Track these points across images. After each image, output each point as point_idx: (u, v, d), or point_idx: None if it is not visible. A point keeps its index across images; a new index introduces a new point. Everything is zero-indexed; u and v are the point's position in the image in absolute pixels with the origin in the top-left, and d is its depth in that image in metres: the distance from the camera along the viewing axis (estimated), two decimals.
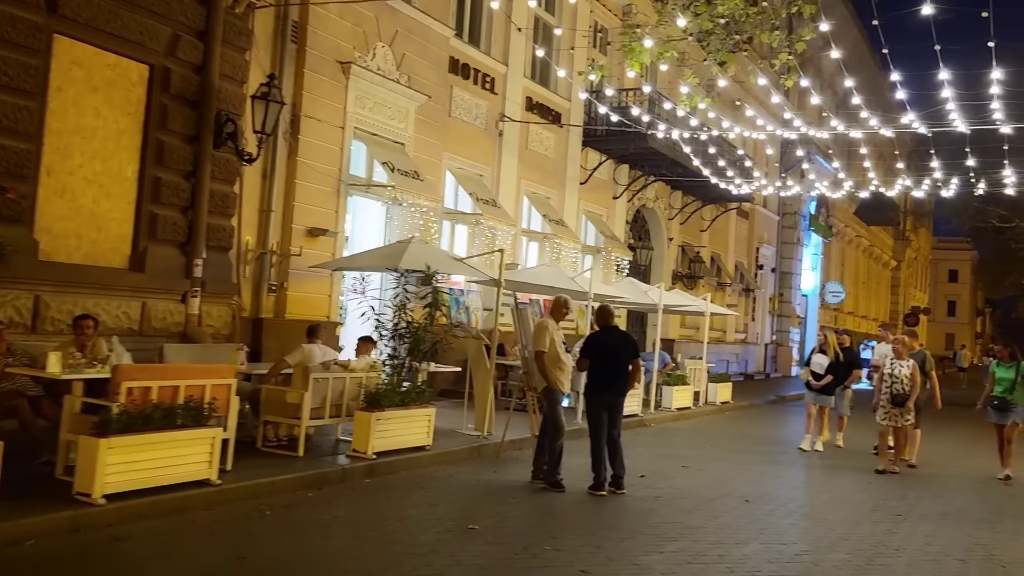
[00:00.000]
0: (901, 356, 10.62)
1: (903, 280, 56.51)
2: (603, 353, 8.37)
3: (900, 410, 10.41)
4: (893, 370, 10.47)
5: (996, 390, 10.43)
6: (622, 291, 15.62)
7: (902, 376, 10.41)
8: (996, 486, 10.15)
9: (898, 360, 10.56)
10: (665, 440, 12.55)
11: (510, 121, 16.31)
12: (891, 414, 10.41)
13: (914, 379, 10.43)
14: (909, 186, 17.56)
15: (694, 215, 25.03)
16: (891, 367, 10.49)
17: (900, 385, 10.39)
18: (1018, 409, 10.33)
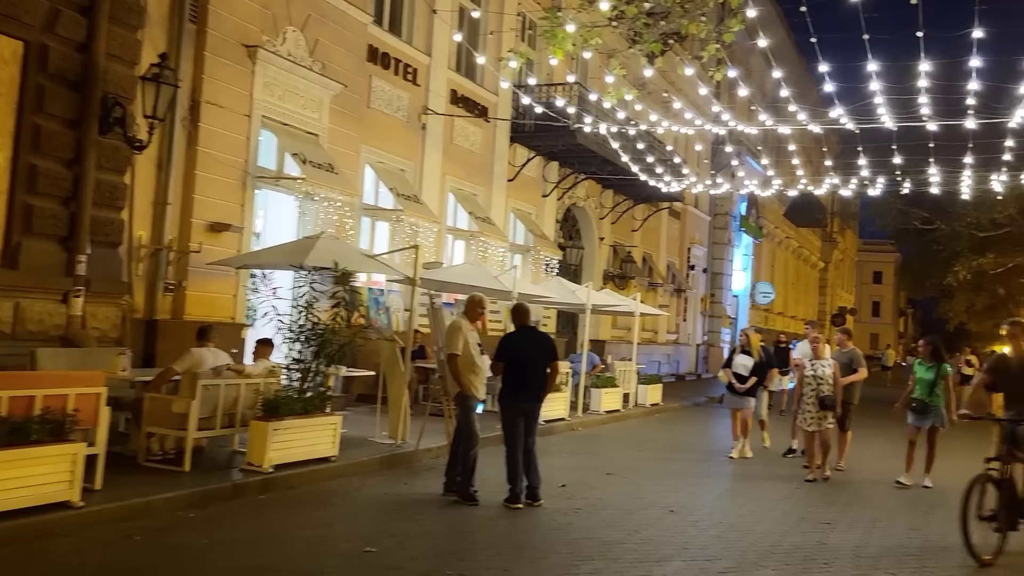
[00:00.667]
0: (821, 355, 10.13)
1: (830, 281, 57.61)
2: (518, 356, 7.79)
3: (825, 413, 9.88)
4: (816, 371, 9.97)
5: (916, 391, 9.91)
6: (549, 291, 15.13)
7: (826, 377, 9.91)
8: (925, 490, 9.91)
9: (818, 360, 10.08)
10: (591, 445, 12.08)
11: (434, 114, 15.66)
12: (817, 418, 9.90)
13: (835, 380, 9.92)
14: (837, 184, 17.50)
15: (626, 214, 24.75)
16: (812, 368, 10.03)
17: (824, 387, 9.88)
18: (936, 412, 9.83)
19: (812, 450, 10.11)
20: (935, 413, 9.80)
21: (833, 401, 9.82)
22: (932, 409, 9.79)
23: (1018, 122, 11.07)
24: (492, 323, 17.81)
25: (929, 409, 9.78)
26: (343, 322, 9.01)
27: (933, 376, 9.81)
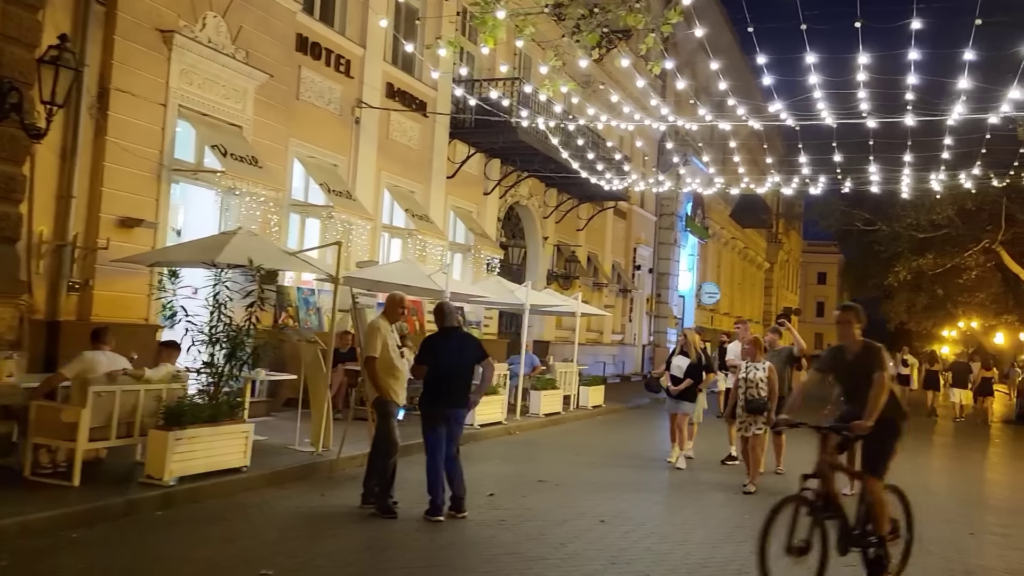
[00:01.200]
0: (755, 357, 9.63)
1: (776, 281, 58.26)
2: (440, 359, 7.32)
3: (756, 418, 9.35)
4: (748, 373, 9.48)
5: None
6: (487, 290, 14.72)
7: (757, 379, 9.38)
8: None
9: (753, 362, 9.60)
10: (526, 451, 11.67)
11: (368, 108, 15.12)
12: (746, 423, 9.37)
13: (771, 383, 9.38)
14: (778, 183, 17.39)
15: (570, 214, 24.46)
16: (745, 370, 9.57)
17: (755, 390, 9.36)
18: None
19: (747, 458, 9.63)
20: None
21: (763, 405, 9.25)
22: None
23: (956, 119, 10.95)
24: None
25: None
26: (258, 323, 8.47)
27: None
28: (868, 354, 5.87)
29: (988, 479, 12.00)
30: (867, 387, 5.70)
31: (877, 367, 5.76)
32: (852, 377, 5.94)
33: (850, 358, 5.95)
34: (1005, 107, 10.12)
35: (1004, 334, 50.99)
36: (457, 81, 17.54)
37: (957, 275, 36.41)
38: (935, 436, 18.37)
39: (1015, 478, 12.36)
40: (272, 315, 12.80)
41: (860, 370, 5.81)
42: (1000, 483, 11.74)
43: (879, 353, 5.87)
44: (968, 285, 38.65)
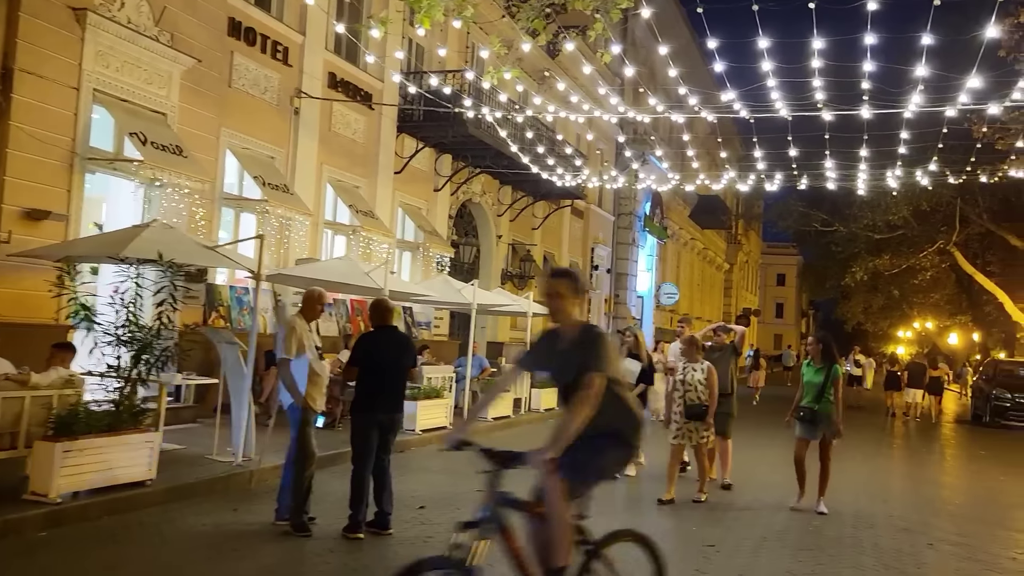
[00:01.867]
0: (692, 357, 8.82)
1: (735, 282, 58.34)
2: (376, 359, 6.67)
3: (697, 425, 8.61)
4: (685, 375, 8.70)
5: (804, 399, 8.48)
6: (433, 289, 14.11)
7: (695, 382, 8.60)
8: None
9: (691, 363, 8.82)
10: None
11: (308, 98, 14.41)
12: (684, 430, 8.62)
13: (710, 385, 8.61)
14: (734, 178, 17.02)
15: (525, 212, 23.91)
16: (683, 371, 8.80)
17: (694, 393, 8.57)
18: (827, 421, 8.41)
19: (675, 468, 8.70)
20: (826, 422, 8.41)
21: (702, 411, 8.55)
22: (822, 418, 8.38)
23: (913, 110, 10.59)
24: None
25: (819, 418, 8.37)
26: (216, 323, 7.78)
27: (823, 379, 8.36)
28: (585, 344, 3.98)
29: (945, 483, 11.67)
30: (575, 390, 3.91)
31: (594, 364, 3.88)
32: (563, 373, 4.10)
33: (563, 347, 4.09)
34: (963, 97, 9.75)
35: (958, 334, 51.58)
36: (404, 73, 16.94)
37: (912, 276, 36.63)
38: (892, 438, 18.15)
39: (971, 481, 12.05)
40: (201, 315, 12.11)
41: (571, 364, 4.00)
42: (956, 487, 11.41)
43: (600, 343, 3.96)
44: (923, 286, 38.95)
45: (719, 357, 9.44)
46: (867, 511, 8.83)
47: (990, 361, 28.67)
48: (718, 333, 10.04)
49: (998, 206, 30.11)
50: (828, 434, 8.48)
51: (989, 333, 45.94)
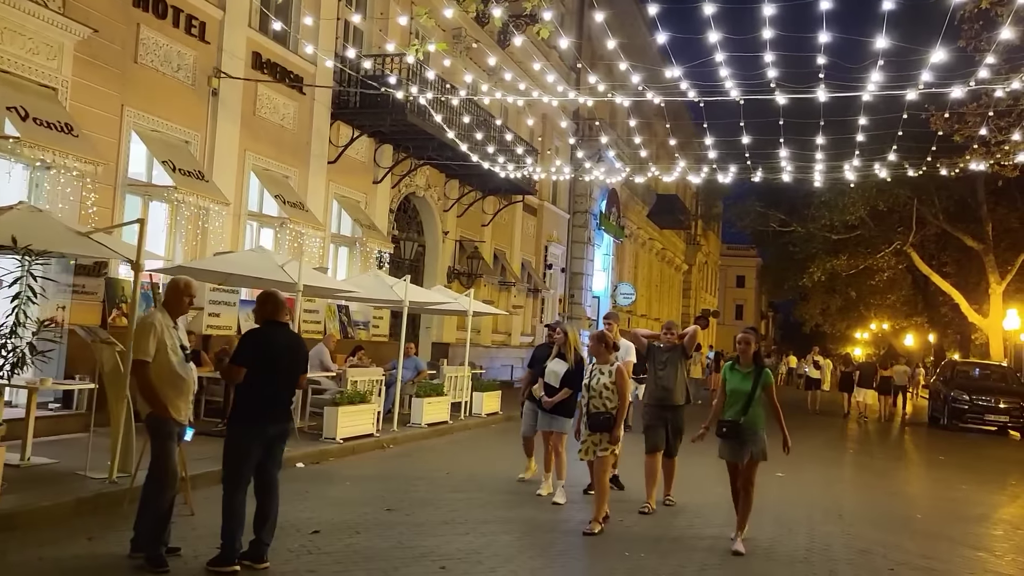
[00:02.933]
0: (602, 358, 7.40)
1: (694, 284, 57.99)
2: (265, 360, 5.67)
3: (601, 436, 7.21)
4: (591, 379, 7.36)
5: (726, 411, 7.00)
6: (362, 285, 13.11)
7: (600, 387, 7.26)
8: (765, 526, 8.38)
9: (598, 364, 7.42)
10: (391, 470, 10.09)
11: (228, 78, 13.30)
12: (588, 443, 7.27)
13: (619, 390, 7.24)
14: (685, 168, 16.24)
15: (474, 208, 22.97)
16: (589, 375, 7.44)
17: (599, 400, 7.25)
18: (755, 438, 6.88)
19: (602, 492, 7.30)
20: (753, 439, 6.88)
21: (609, 421, 7.19)
22: (749, 435, 6.86)
23: (872, 92, 9.84)
24: (309, 323, 15.61)
25: (745, 434, 6.84)
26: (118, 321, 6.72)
27: (750, 387, 6.93)
28: None
29: (905, 494, 10.93)
30: None
31: None
32: None
33: None
34: (925, 75, 9.02)
35: (913, 336, 51.79)
36: (339, 56, 15.92)
37: (869, 277, 36.53)
38: (848, 443, 17.51)
39: (931, 492, 11.34)
40: (100, 313, 10.99)
41: None
42: (917, 499, 10.67)
43: None
44: (880, 287, 38.92)
45: (667, 360, 8.30)
46: (821, 530, 8.01)
47: (947, 362, 28.38)
48: (670, 331, 8.56)
49: (954, 207, 29.97)
50: (756, 454, 6.90)
51: (944, 334, 46.10)
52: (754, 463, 6.95)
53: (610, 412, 7.17)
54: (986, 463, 15.00)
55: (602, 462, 7.20)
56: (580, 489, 8.72)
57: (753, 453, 6.90)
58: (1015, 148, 15.18)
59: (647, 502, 8.18)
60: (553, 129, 28.60)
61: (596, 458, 7.21)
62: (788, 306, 70.26)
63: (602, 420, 7.16)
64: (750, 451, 6.91)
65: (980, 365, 25.35)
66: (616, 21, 27.40)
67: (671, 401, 8.21)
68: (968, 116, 17.63)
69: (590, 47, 28.45)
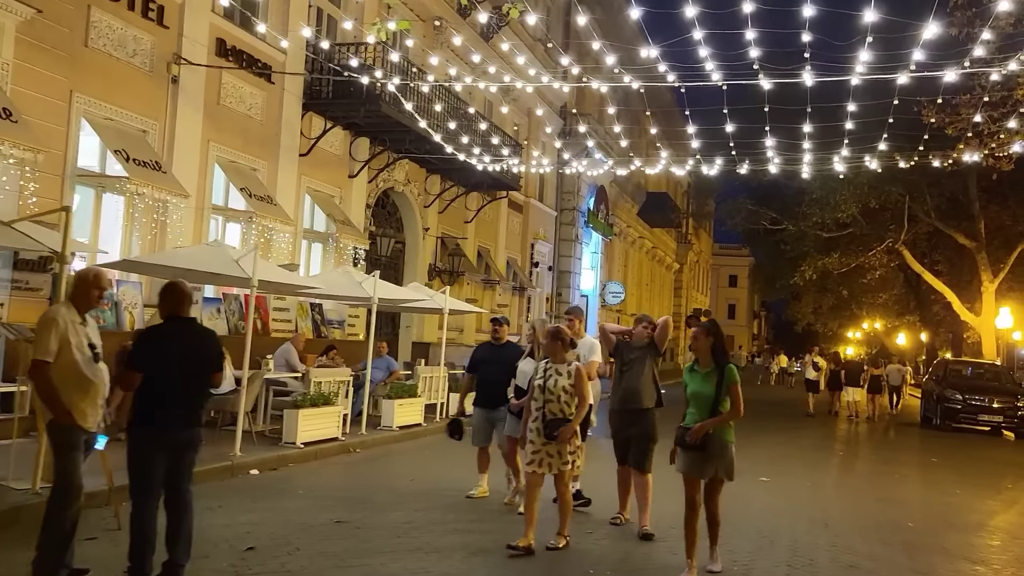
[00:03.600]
0: (558, 357, 6.50)
1: (685, 283, 57.54)
2: (166, 360, 5.08)
3: (557, 447, 6.34)
4: (546, 380, 6.44)
5: (688, 417, 5.97)
6: (329, 282, 12.53)
7: (558, 390, 6.41)
8: (746, 538, 7.82)
9: (555, 364, 6.50)
10: (351, 476, 9.53)
11: (189, 65, 12.69)
12: (543, 453, 6.31)
13: (579, 392, 6.42)
14: (669, 159, 15.67)
15: (456, 204, 22.39)
16: (543, 375, 6.52)
17: (557, 404, 6.38)
18: (720, 450, 5.87)
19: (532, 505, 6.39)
20: (720, 453, 5.88)
21: (563, 426, 6.32)
22: (715, 447, 5.84)
23: (862, 75, 9.29)
24: (279, 322, 15.04)
25: (710, 446, 5.81)
26: None
27: (712, 388, 5.90)
28: None
29: (895, 499, 10.33)
30: None
31: None
32: None
33: None
34: (917, 55, 8.47)
35: (905, 335, 51.39)
36: (311, 46, 15.32)
37: (861, 275, 36.12)
38: (835, 444, 16.98)
39: (924, 497, 10.76)
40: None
41: None
42: (909, 505, 10.07)
43: None
44: (872, 285, 38.51)
45: (636, 358, 7.35)
46: (806, 540, 7.45)
47: (940, 361, 27.87)
48: (644, 324, 7.49)
49: (946, 205, 29.55)
50: (722, 470, 5.91)
51: (936, 333, 45.68)
52: (719, 482, 5.99)
53: (570, 418, 6.39)
54: (980, 465, 14.49)
55: (564, 474, 6.44)
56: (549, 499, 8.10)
57: (719, 469, 5.90)
58: (1010, 138, 14.67)
59: (620, 512, 7.52)
60: (539, 126, 28.04)
61: (558, 471, 6.36)
62: (781, 305, 69.87)
63: (554, 428, 6.29)
64: (715, 467, 5.88)
65: (973, 364, 24.85)
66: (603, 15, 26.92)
67: (636, 404, 7.23)
68: (961, 108, 17.16)
69: (576, 43, 27.91)
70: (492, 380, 8.10)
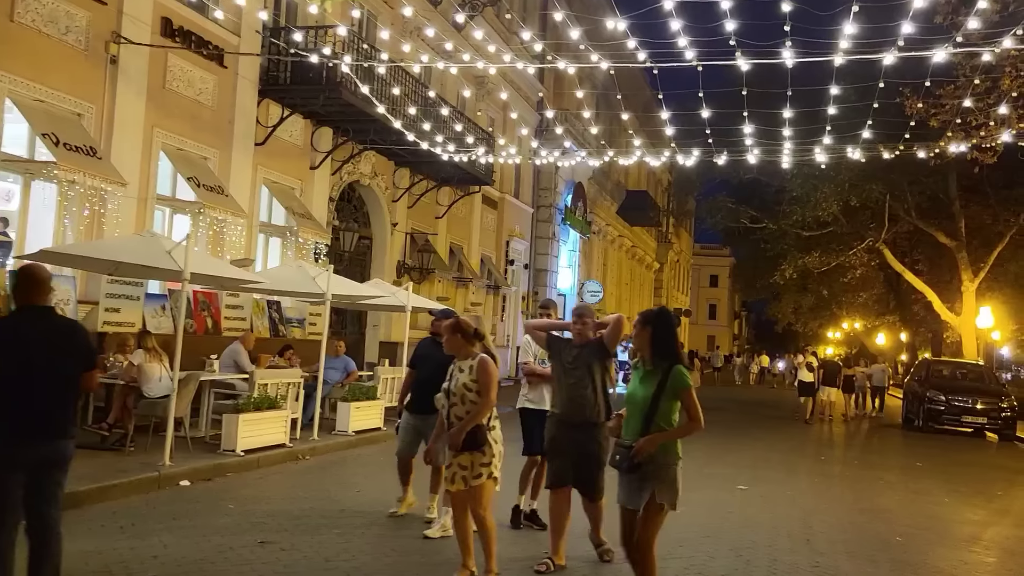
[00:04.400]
0: (461, 352, 5.56)
1: (666, 282, 57.04)
2: (11, 358, 4.23)
3: (474, 457, 5.32)
4: (451, 382, 5.54)
5: (624, 429, 4.75)
6: (277, 277, 11.77)
7: (460, 389, 5.40)
8: (721, 556, 7.12)
9: (459, 361, 5.59)
10: (294, 488, 8.75)
11: (130, 44, 11.85)
12: (454, 467, 5.35)
13: (483, 388, 5.33)
14: (640, 147, 14.97)
15: (428, 199, 21.65)
16: (449, 375, 5.59)
17: (461, 407, 5.39)
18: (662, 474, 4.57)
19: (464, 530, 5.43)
20: (658, 475, 4.57)
21: (476, 432, 5.27)
22: (652, 468, 4.55)
23: (846, 57, 8.63)
24: (232, 320, 14.22)
25: (645, 466, 4.55)
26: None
27: (651, 393, 4.63)
28: None
29: (881, 509, 9.63)
30: None
31: None
32: None
33: None
34: (906, 27, 7.80)
35: (885, 335, 51.14)
36: (267, 29, 14.55)
37: (842, 274, 35.75)
38: (817, 448, 16.35)
39: (911, 506, 10.05)
40: None
41: None
42: (895, 516, 9.37)
43: None
44: (852, 284, 38.17)
45: (577, 358, 5.97)
46: (787, 560, 6.73)
47: (922, 361, 27.40)
48: (583, 322, 6.11)
49: (926, 203, 29.15)
50: (660, 496, 4.55)
51: (916, 333, 45.42)
52: (655, 510, 4.56)
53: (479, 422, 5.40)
54: (967, 470, 13.90)
55: (480, 491, 5.29)
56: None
57: (657, 494, 4.53)
58: (997, 129, 14.11)
59: (548, 557, 5.91)
60: (515, 122, 27.29)
61: (471, 487, 5.30)
62: (761, 305, 69.63)
63: (474, 433, 5.27)
64: (651, 490, 4.54)
65: (957, 364, 24.34)
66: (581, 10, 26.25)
67: (580, 417, 5.93)
68: (945, 99, 16.60)
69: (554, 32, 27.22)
70: (427, 380, 6.86)
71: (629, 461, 4.53)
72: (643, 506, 4.55)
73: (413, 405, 7.23)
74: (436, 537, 6.56)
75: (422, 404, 6.92)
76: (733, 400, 28.38)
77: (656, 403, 4.57)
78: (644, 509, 4.55)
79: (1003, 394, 20.98)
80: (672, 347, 4.77)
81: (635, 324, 4.85)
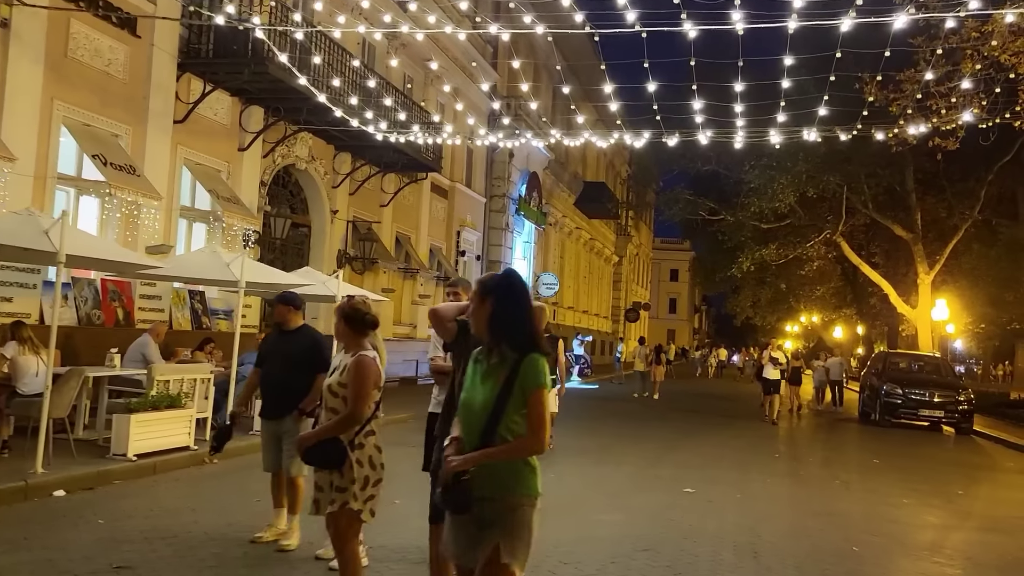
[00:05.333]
0: (349, 344, 4.56)
1: (625, 276, 56.56)
2: None
3: (328, 476, 4.31)
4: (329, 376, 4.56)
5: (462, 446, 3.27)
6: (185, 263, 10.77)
7: (326, 389, 4.48)
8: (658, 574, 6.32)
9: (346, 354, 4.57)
10: (183, 499, 7.80)
11: (25, 6, 10.74)
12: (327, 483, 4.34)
13: (353, 390, 4.30)
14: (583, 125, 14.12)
15: (372, 186, 20.67)
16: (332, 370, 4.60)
17: (325, 412, 4.45)
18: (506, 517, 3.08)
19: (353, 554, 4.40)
20: (501, 518, 3.08)
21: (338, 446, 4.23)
22: (491, 507, 3.08)
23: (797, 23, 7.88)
24: (148, 312, 13.17)
25: (483, 507, 3.07)
26: None
27: (496, 395, 3.11)
28: None
29: (837, 513, 8.92)
30: None
31: None
32: None
33: None
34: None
35: (842, 328, 51.18)
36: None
37: (799, 267, 35.58)
38: (772, 444, 15.72)
39: (869, 509, 9.39)
40: None
41: None
42: (852, 521, 8.67)
43: None
44: (810, 277, 38.03)
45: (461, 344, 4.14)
46: None
47: (879, 354, 27.08)
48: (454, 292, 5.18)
49: (883, 196, 28.94)
50: (505, 551, 3.03)
51: (873, 326, 45.45)
52: (496, 567, 3.04)
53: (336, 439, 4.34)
54: (925, 466, 13.35)
55: (344, 516, 4.26)
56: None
57: (501, 549, 3.04)
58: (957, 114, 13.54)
59: None
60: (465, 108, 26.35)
61: (338, 510, 4.27)
62: (721, 299, 69.52)
63: (326, 447, 4.25)
64: (494, 543, 3.05)
65: (914, 357, 23.98)
66: None
67: None
68: (904, 84, 16.05)
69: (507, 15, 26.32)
70: (273, 380, 6.07)
71: (457, 494, 3.06)
72: (481, 565, 3.07)
73: (265, 409, 6.24)
74: (328, 559, 5.60)
75: (275, 407, 6.04)
76: (692, 393, 27.84)
77: (501, 408, 3.07)
78: (482, 569, 3.07)
79: (960, 387, 20.61)
80: (523, 328, 3.19)
81: (471, 296, 3.40)
